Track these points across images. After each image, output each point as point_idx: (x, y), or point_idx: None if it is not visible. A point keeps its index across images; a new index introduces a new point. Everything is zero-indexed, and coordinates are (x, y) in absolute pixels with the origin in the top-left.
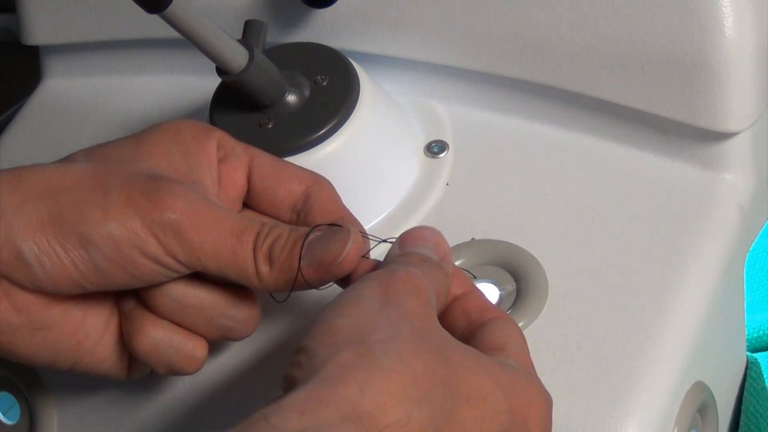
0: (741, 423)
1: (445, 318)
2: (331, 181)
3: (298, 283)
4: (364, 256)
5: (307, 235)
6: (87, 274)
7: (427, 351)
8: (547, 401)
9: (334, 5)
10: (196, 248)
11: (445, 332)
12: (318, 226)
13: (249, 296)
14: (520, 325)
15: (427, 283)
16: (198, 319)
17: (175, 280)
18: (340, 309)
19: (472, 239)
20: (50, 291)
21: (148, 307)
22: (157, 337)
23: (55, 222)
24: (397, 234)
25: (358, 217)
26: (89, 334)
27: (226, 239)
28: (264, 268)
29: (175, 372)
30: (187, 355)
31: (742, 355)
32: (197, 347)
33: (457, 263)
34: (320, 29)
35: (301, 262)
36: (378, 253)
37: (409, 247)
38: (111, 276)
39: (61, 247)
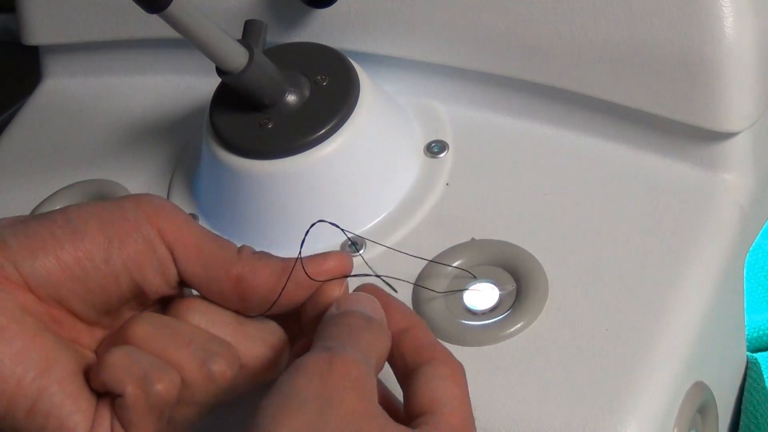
0: (741, 423)
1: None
2: (331, 182)
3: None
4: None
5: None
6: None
7: None
8: None
9: (334, 5)
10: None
11: (387, 421)
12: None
13: (231, 348)
14: (519, 325)
15: (366, 367)
16: (176, 341)
17: (149, 313)
18: (278, 416)
19: (472, 239)
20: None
21: (126, 337)
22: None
23: None
24: (397, 234)
25: (357, 217)
26: None
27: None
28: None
29: None
30: None
31: (742, 355)
32: None
33: (456, 263)
34: (320, 29)
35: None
36: (379, 255)
37: (348, 307)
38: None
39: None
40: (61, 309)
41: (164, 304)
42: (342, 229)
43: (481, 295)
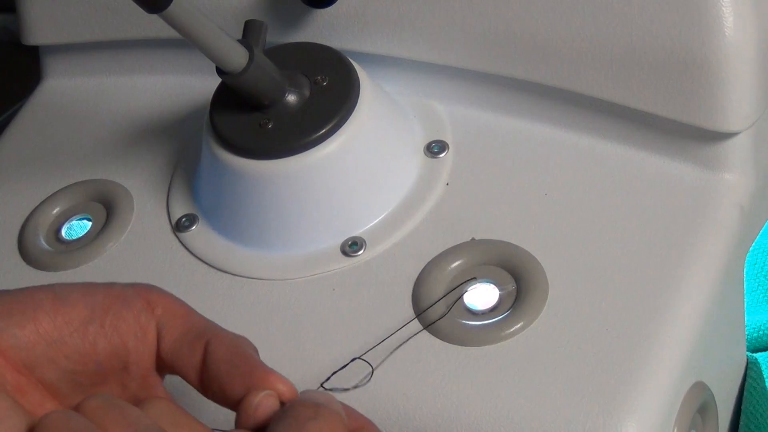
0: (741, 423)
1: None
2: (331, 182)
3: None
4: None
5: None
6: None
7: None
8: None
9: (334, 5)
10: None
11: None
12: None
13: None
14: (519, 325)
15: None
16: (121, 422)
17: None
18: None
19: (472, 239)
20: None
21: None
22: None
23: None
24: (397, 234)
25: (357, 217)
26: None
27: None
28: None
29: None
30: None
31: (742, 355)
32: None
33: (457, 263)
34: (320, 29)
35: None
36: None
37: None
38: None
39: None
40: (31, 377)
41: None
42: (371, 367)
43: (481, 295)
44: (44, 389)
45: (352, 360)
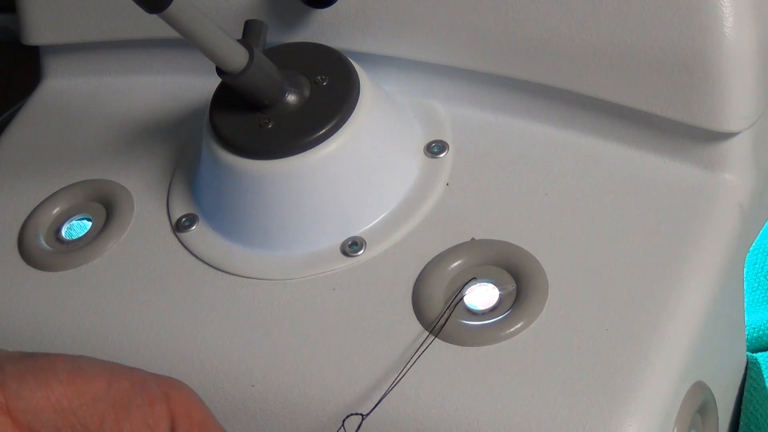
0: (741, 423)
1: None
2: (331, 182)
3: None
4: None
5: None
6: None
7: None
8: None
9: (334, 5)
10: None
11: None
12: None
13: None
14: (519, 325)
15: None
16: None
17: None
18: None
19: (472, 239)
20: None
21: None
22: None
23: None
24: (397, 234)
25: (357, 217)
26: None
27: None
28: None
29: None
30: None
31: (742, 355)
32: None
33: (457, 263)
34: (320, 29)
35: None
36: None
37: None
38: None
39: None
40: None
41: None
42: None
43: (481, 295)
44: None
45: (347, 417)
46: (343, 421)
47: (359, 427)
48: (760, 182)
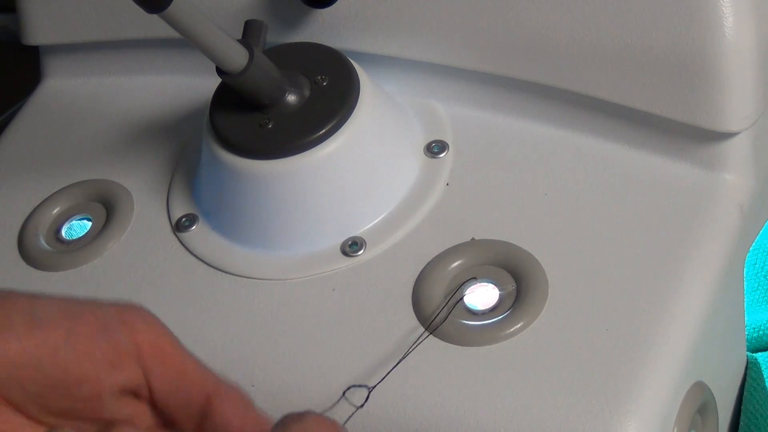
0: (741, 423)
1: None
2: (331, 182)
3: None
4: None
5: None
6: None
7: None
8: None
9: (334, 5)
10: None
11: None
12: None
13: None
14: (519, 325)
15: None
16: None
17: None
18: None
19: (472, 239)
20: None
21: None
22: None
23: None
24: (397, 234)
25: (357, 217)
26: None
27: None
28: None
29: None
30: None
31: (742, 355)
32: None
33: (457, 263)
34: (320, 29)
35: None
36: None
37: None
38: None
39: None
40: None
41: None
42: (368, 389)
43: (481, 295)
44: (16, 410)
45: (348, 388)
46: (344, 392)
47: (362, 404)
48: (760, 182)
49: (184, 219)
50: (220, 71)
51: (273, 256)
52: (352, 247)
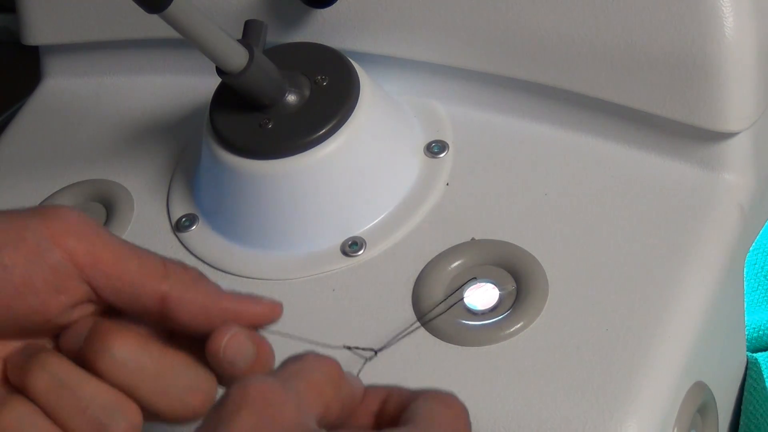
0: (741, 423)
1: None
2: (331, 182)
3: None
4: None
5: None
6: None
7: None
8: None
9: (334, 5)
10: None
11: (295, 429)
12: None
13: (133, 407)
14: (519, 325)
15: (275, 387)
16: (71, 405)
17: (57, 358)
18: None
19: (472, 239)
20: None
21: (23, 383)
22: (19, 417)
23: None
24: (397, 234)
25: (357, 217)
26: None
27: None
28: None
29: None
30: None
31: (742, 355)
32: None
33: (457, 263)
34: (320, 29)
35: None
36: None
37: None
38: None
39: None
40: None
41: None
42: (362, 348)
43: (481, 295)
44: None
45: (346, 348)
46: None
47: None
48: (760, 182)
49: (184, 219)
50: (220, 71)
51: (273, 256)
52: (352, 247)
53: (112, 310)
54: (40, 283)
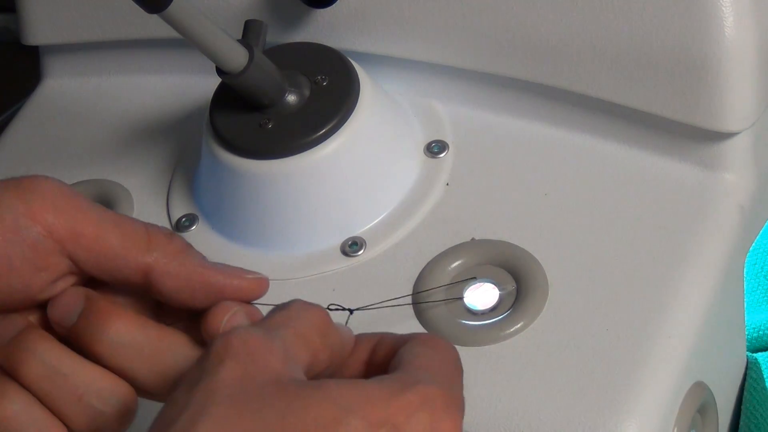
0: (741, 423)
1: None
2: (331, 182)
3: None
4: None
5: None
6: None
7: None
8: (434, 400)
9: (334, 5)
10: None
11: (281, 378)
12: None
13: (128, 390)
14: (519, 325)
15: (260, 336)
16: (66, 393)
17: (49, 342)
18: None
19: (472, 239)
20: None
21: (15, 371)
22: (17, 408)
23: None
24: (397, 234)
25: (357, 217)
26: None
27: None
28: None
29: None
30: None
31: (742, 355)
32: None
33: (457, 263)
34: (320, 29)
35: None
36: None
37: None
38: None
39: None
40: None
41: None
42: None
43: (481, 295)
44: None
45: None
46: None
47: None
48: (760, 182)
49: (184, 219)
50: (220, 71)
51: (273, 256)
52: (352, 247)
53: (94, 279)
54: (20, 262)
